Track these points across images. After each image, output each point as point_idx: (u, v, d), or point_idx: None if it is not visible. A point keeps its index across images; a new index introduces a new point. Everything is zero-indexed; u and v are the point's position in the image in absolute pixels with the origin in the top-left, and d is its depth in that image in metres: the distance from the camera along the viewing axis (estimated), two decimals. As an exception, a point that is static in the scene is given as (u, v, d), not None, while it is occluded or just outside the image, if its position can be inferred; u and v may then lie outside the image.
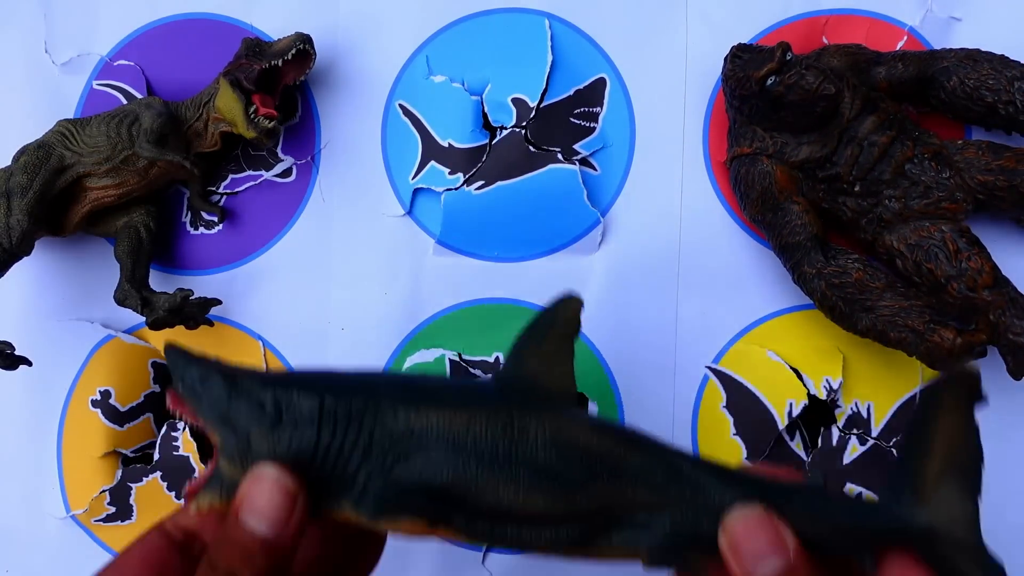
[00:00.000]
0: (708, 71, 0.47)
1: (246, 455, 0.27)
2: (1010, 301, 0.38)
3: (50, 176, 0.45)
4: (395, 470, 0.27)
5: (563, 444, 0.27)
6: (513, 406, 0.28)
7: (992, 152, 0.41)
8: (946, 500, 0.26)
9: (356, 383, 0.28)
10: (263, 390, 0.27)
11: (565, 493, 0.27)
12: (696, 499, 0.27)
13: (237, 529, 0.26)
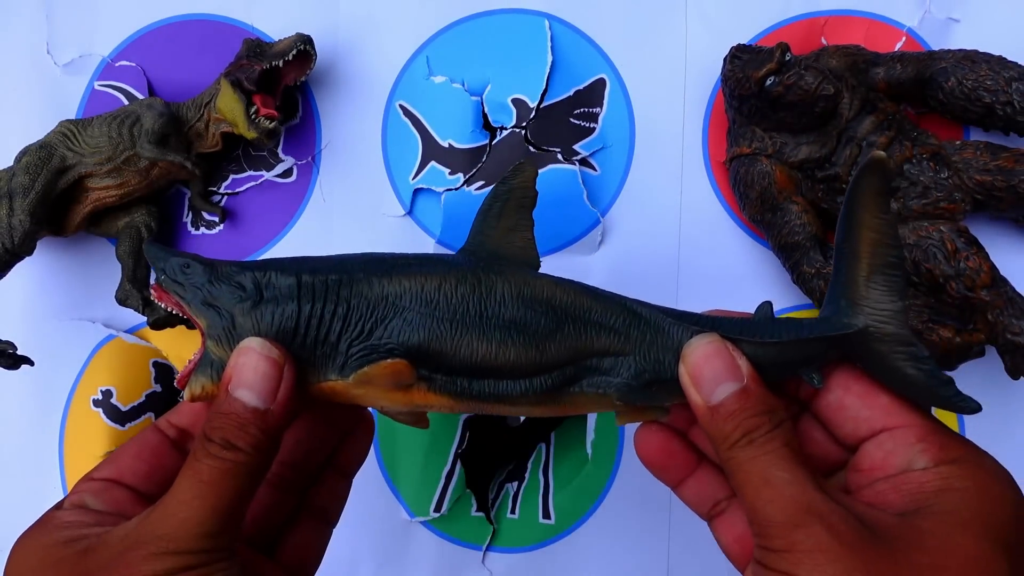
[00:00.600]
0: (707, 72, 0.47)
1: (231, 334, 0.28)
2: (1008, 301, 0.38)
3: (52, 176, 0.45)
4: (374, 334, 0.28)
5: (528, 298, 0.29)
6: (480, 268, 0.30)
7: (990, 152, 0.41)
8: (877, 301, 0.28)
9: (329, 262, 0.30)
10: (241, 273, 0.29)
11: (535, 343, 0.29)
12: (656, 340, 0.29)
13: (229, 402, 0.27)
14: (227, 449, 0.26)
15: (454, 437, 0.48)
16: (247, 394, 0.26)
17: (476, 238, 0.32)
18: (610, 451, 0.47)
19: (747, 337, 0.29)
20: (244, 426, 0.26)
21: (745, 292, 0.46)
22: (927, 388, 0.28)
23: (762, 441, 0.26)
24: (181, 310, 0.29)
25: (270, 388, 0.27)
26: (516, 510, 0.49)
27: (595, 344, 0.29)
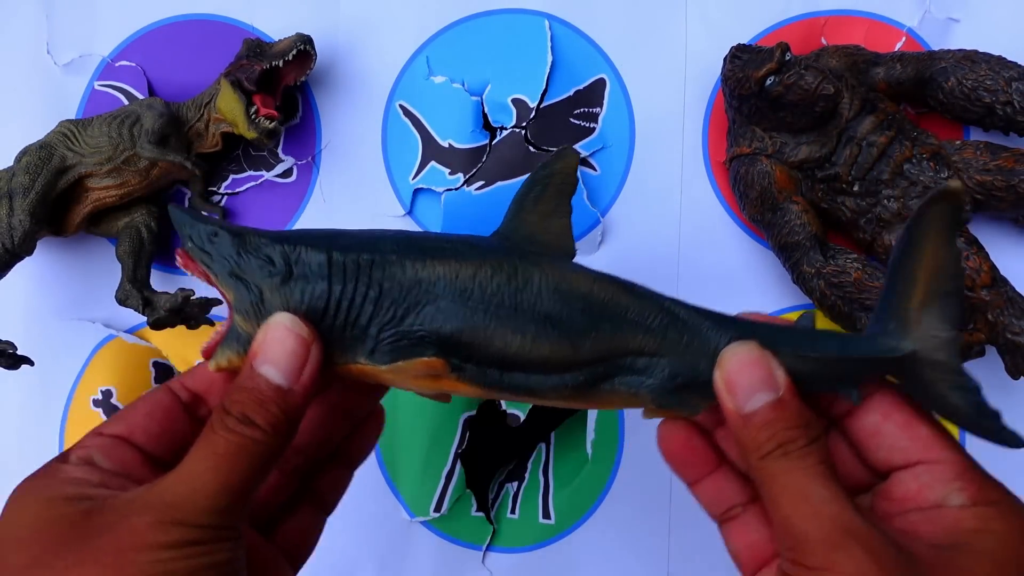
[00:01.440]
0: (707, 72, 0.47)
1: (260, 309, 0.27)
2: (1008, 301, 0.38)
3: (52, 176, 0.45)
4: (406, 320, 0.28)
5: (565, 292, 0.28)
6: (516, 256, 0.29)
7: (990, 152, 0.41)
8: (929, 327, 0.27)
9: (360, 239, 0.29)
10: (271, 246, 0.28)
11: (569, 339, 0.28)
12: (692, 343, 0.28)
13: (252, 378, 0.26)
14: (245, 425, 0.25)
15: (454, 437, 0.48)
16: (271, 371, 0.26)
17: (512, 222, 0.31)
18: (610, 451, 0.47)
19: (787, 348, 0.28)
20: (264, 403, 0.26)
21: (745, 292, 0.47)
22: (973, 418, 0.27)
23: (798, 455, 0.26)
24: (208, 280, 0.28)
25: (296, 367, 0.26)
26: (516, 510, 0.49)
27: (630, 343, 0.29)
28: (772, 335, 0.28)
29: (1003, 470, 0.28)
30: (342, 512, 0.49)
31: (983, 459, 0.27)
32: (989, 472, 0.27)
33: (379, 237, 0.29)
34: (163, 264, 0.50)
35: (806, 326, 0.30)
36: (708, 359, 0.28)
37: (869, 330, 0.28)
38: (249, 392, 0.26)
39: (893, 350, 0.27)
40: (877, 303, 0.28)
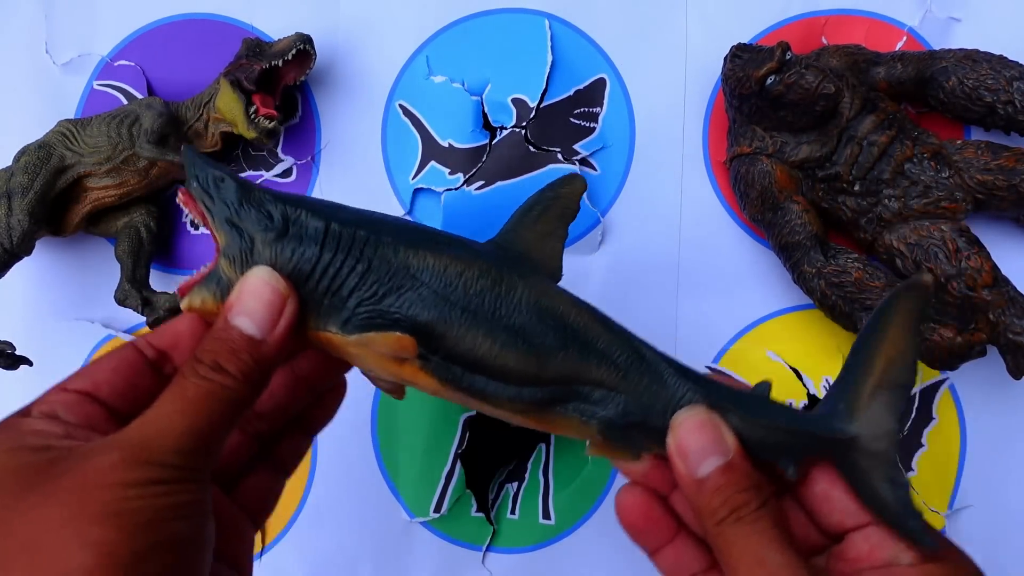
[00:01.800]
0: (708, 71, 0.47)
1: (247, 259, 0.28)
2: (1009, 300, 0.38)
3: (51, 176, 0.45)
4: (385, 300, 0.28)
5: (543, 309, 0.29)
6: (505, 266, 0.29)
7: (991, 152, 0.41)
8: (875, 416, 0.28)
9: (362, 216, 0.29)
10: (273, 203, 0.28)
11: (536, 355, 0.29)
12: (651, 386, 0.29)
13: (226, 328, 0.26)
14: (216, 371, 0.25)
15: (454, 437, 0.48)
16: (246, 322, 0.26)
17: (509, 234, 0.31)
18: (610, 451, 0.47)
19: (740, 410, 0.28)
20: (237, 352, 0.26)
21: (745, 292, 0.46)
22: (897, 513, 0.28)
23: (751, 519, 0.26)
24: (204, 221, 0.29)
25: (270, 320, 0.27)
26: (516, 510, 0.49)
27: (593, 373, 0.29)
28: (727, 396, 0.29)
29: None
30: (342, 512, 0.49)
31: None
32: (934, 529, 0.28)
33: (380, 219, 0.30)
34: (162, 264, 0.50)
35: (762, 393, 0.30)
36: (662, 405, 0.29)
37: (820, 409, 0.29)
38: (222, 342, 0.26)
39: (837, 431, 0.28)
40: (833, 384, 0.29)
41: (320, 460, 0.49)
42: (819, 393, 0.45)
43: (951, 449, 0.45)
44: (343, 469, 0.49)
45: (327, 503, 0.49)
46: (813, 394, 0.45)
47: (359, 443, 0.49)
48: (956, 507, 0.45)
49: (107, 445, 0.24)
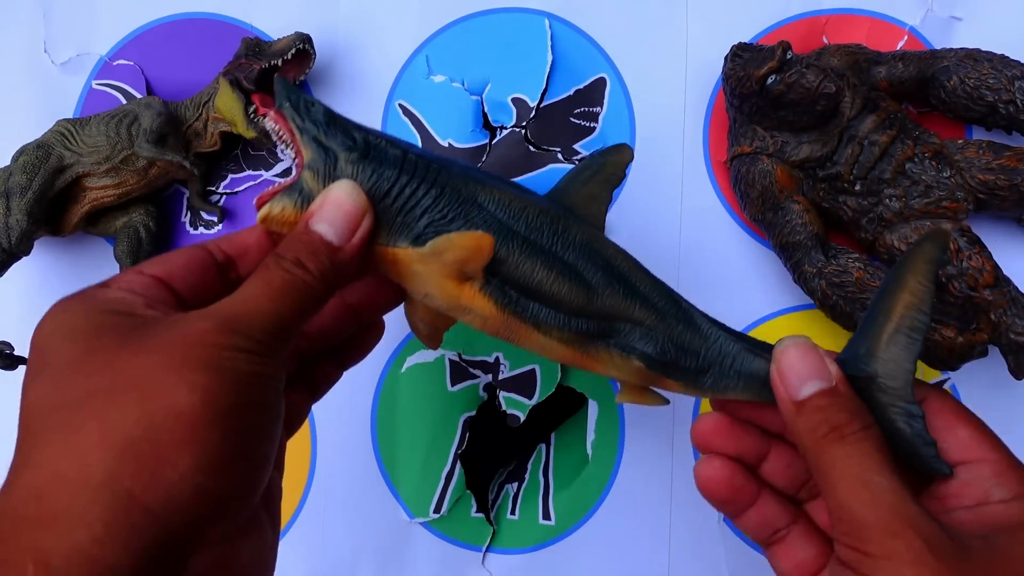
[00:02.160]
0: (708, 71, 0.47)
1: (331, 172, 0.30)
2: (1011, 300, 0.38)
3: (49, 176, 0.45)
4: (453, 224, 0.30)
5: (594, 251, 0.32)
6: (561, 210, 0.33)
7: (993, 151, 0.41)
8: (892, 356, 0.30)
9: (435, 155, 0.32)
10: (358, 130, 0.31)
11: (586, 290, 0.32)
12: (686, 331, 0.32)
13: (307, 232, 0.29)
14: (297, 267, 0.28)
15: (454, 438, 0.48)
16: (326, 228, 0.28)
17: (559, 192, 0.34)
18: (610, 451, 0.47)
19: (767, 353, 0.31)
20: (316, 253, 0.28)
21: (746, 292, 0.46)
22: (911, 444, 0.29)
23: (854, 439, 0.27)
24: (292, 138, 0.31)
25: (349, 229, 0.29)
26: (516, 511, 0.48)
27: (634, 313, 0.32)
28: (758, 344, 0.32)
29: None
30: (342, 512, 0.49)
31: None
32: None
33: (450, 158, 0.33)
34: (161, 264, 0.50)
35: None
36: (695, 347, 0.32)
37: (844, 352, 0.31)
38: (304, 243, 0.28)
39: (858, 370, 0.30)
40: (857, 328, 0.31)
41: (320, 460, 0.49)
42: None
43: (952, 449, 0.45)
44: (343, 469, 0.49)
45: (327, 503, 0.49)
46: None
47: (359, 443, 0.49)
48: (957, 507, 0.45)
49: (200, 314, 0.26)
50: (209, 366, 0.24)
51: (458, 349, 0.48)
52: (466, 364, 0.48)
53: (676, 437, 0.47)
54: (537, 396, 0.47)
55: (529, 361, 0.48)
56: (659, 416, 0.47)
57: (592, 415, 0.47)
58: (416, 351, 0.49)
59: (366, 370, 0.49)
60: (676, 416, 0.47)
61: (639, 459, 0.47)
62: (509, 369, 0.48)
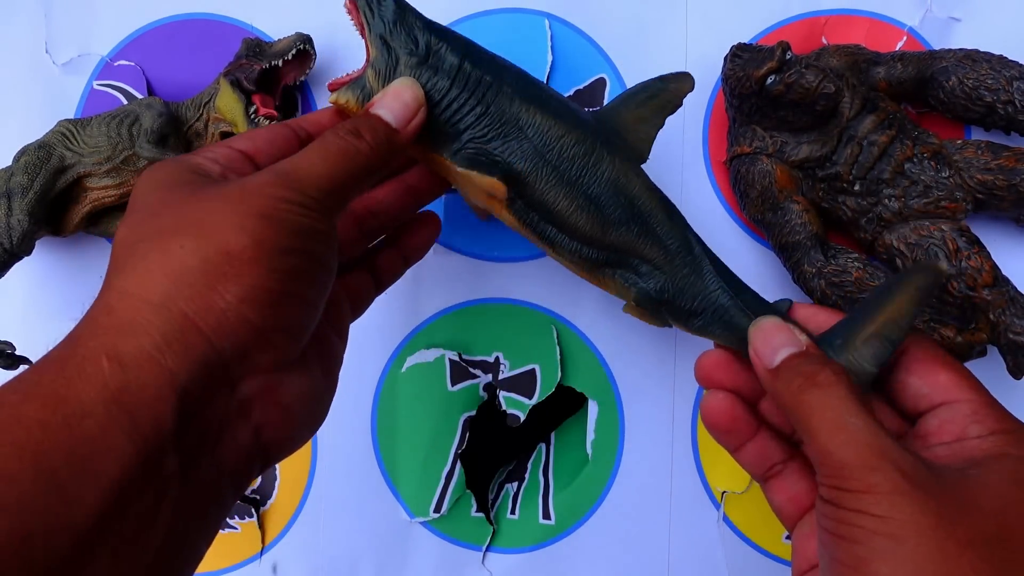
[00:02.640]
0: (708, 71, 0.47)
1: (390, 73, 0.33)
2: (1010, 300, 0.38)
3: (51, 176, 0.45)
4: (492, 143, 0.34)
5: (620, 188, 0.34)
6: (600, 139, 0.34)
7: (991, 151, 0.41)
8: (861, 357, 0.32)
9: (491, 61, 0.35)
10: (422, 31, 0.34)
11: (603, 224, 0.34)
12: (690, 276, 0.35)
13: (368, 113, 0.32)
14: (354, 136, 0.31)
15: (454, 437, 0.48)
16: (385, 112, 0.32)
17: (611, 111, 0.36)
18: (610, 451, 0.47)
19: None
20: (374, 127, 0.32)
21: (745, 292, 0.46)
22: None
23: (827, 383, 0.29)
24: (361, 32, 0.34)
25: (406, 117, 0.33)
26: (516, 510, 0.49)
27: (645, 251, 0.35)
28: (753, 302, 0.34)
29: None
30: (342, 512, 0.49)
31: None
32: (1005, 409, 0.30)
33: (505, 67, 0.35)
34: (162, 264, 0.50)
35: (781, 309, 0.35)
36: (692, 292, 0.35)
37: (823, 335, 0.33)
38: (364, 119, 0.32)
39: (828, 355, 0.32)
40: (843, 319, 0.33)
41: (320, 460, 0.49)
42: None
43: (951, 449, 0.45)
44: (343, 469, 0.49)
45: (327, 503, 0.49)
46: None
47: (359, 443, 0.49)
48: (956, 507, 0.45)
49: (262, 172, 0.29)
50: (262, 213, 0.27)
51: (458, 349, 0.48)
52: (466, 364, 0.48)
53: (676, 437, 0.47)
54: (537, 396, 0.47)
55: (529, 361, 0.48)
56: (659, 416, 0.47)
57: (592, 415, 0.47)
58: (416, 351, 0.49)
59: (366, 370, 0.49)
60: (676, 416, 0.47)
61: (639, 459, 0.47)
62: (509, 369, 0.48)
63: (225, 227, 0.27)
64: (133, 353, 0.25)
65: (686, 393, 0.47)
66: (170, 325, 0.26)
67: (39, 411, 0.23)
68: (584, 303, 0.48)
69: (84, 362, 0.25)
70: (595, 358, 0.48)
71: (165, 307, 0.26)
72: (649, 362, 0.47)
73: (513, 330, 0.48)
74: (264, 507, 0.50)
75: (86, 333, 0.26)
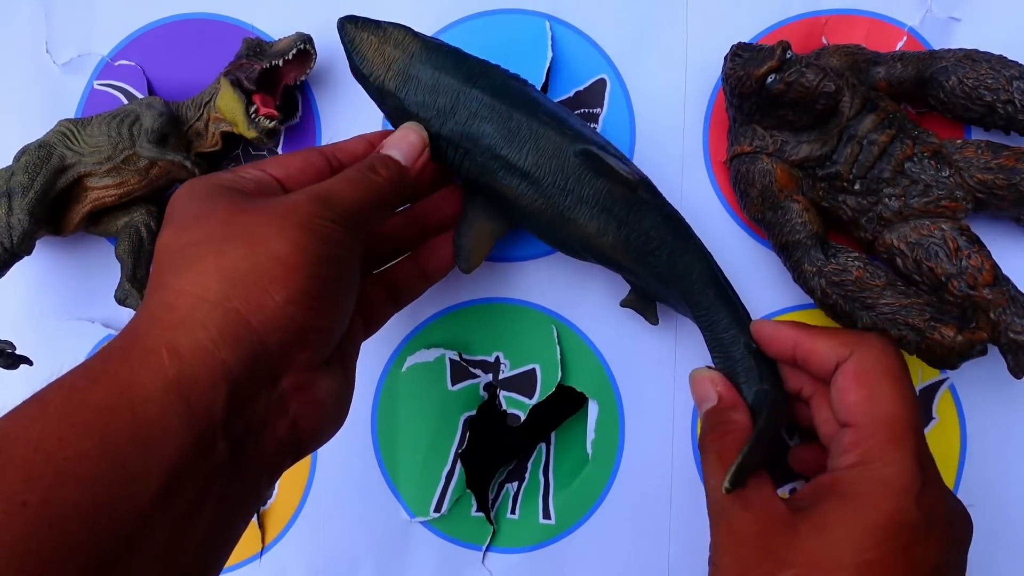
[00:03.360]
0: (708, 72, 0.47)
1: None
2: (1011, 299, 0.38)
3: (51, 176, 0.45)
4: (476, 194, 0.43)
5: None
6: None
7: (991, 151, 0.41)
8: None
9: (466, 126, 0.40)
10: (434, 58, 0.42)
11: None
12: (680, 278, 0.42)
13: (382, 156, 0.37)
14: (372, 171, 0.35)
15: (454, 437, 0.48)
16: (395, 152, 0.38)
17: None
18: (610, 451, 0.47)
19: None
20: (388, 164, 0.37)
21: (746, 292, 0.46)
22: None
23: (713, 437, 0.37)
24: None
25: (413, 154, 0.38)
26: (516, 510, 0.49)
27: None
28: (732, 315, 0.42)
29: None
30: (342, 512, 0.49)
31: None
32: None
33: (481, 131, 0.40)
34: (162, 264, 0.50)
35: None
36: (679, 291, 0.41)
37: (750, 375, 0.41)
38: (379, 158, 0.37)
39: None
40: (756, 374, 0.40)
41: (320, 460, 0.49)
42: (819, 393, 0.45)
43: (951, 449, 0.45)
44: (343, 469, 0.49)
45: (327, 503, 0.49)
46: (813, 394, 0.45)
47: (359, 443, 0.49)
48: (956, 507, 0.45)
49: (300, 192, 0.33)
50: (302, 225, 0.31)
51: (458, 349, 0.48)
52: (466, 364, 0.48)
53: (676, 437, 0.47)
54: (537, 396, 0.47)
55: (529, 361, 0.48)
56: (659, 416, 0.47)
57: (592, 415, 0.47)
58: (416, 351, 0.49)
59: (366, 370, 0.49)
60: (676, 416, 0.47)
61: (639, 459, 0.47)
62: (509, 369, 0.48)
63: (272, 236, 0.30)
64: (191, 346, 0.27)
65: (686, 393, 0.47)
66: (225, 321, 0.28)
67: (106, 396, 0.26)
68: (584, 303, 0.48)
69: (147, 353, 0.27)
70: (595, 358, 0.47)
71: (221, 304, 0.28)
72: (649, 362, 0.47)
73: (513, 330, 0.48)
74: (264, 507, 0.50)
75: (146, 326, 0.29)
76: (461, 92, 0.40)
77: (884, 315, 0.40)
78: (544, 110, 0.40)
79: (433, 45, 0.41)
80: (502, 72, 0.42)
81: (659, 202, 0.41)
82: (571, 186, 0.39)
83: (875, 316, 0.40)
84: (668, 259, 0.40)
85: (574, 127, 0.40)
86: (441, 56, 0.41)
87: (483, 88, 0.40)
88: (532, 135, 0.39)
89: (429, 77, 0.40)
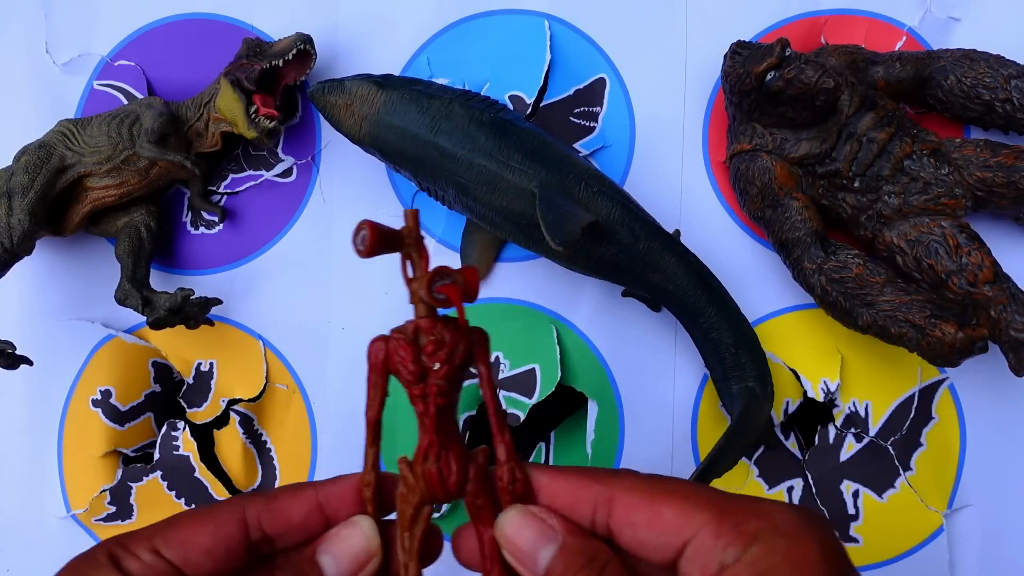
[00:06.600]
0: (708, 71, 0.47)
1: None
2: (1011, 297, 0.38)
3: (51, 176, 0.45)
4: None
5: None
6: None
7: (990, 149, 0.41)
8: None
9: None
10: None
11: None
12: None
13: (312, 561, 0.28)
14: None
15: (454, 437, 0.48)
16: (328, 560, 0.28)
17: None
18: (610, 451, 0.47)
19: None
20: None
21: (745, 292, 0.46)
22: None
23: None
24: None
25: (351, 568, 0.28)
26: (516, 510, 0.48)
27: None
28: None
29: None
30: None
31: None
32: (738, 499, 0.26)
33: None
34: (162, 264, 0.50)
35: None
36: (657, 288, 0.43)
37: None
38: (305, 563, 0.28)
39: None
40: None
41: (320, 460, 0.49)
42: (816, 395, 0.45)
43: (951, 448, 0.45)
44: (343, 469, 0.49)
45: (327, 503, 0.49)
46: (811, 396, 0.45)
47: (359, 443, 0.49)
48: (955, 506, 0.45)
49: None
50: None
51: (458, 348, 0.48)
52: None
53: (676, 436, 0.47)
54: (537, 396, 0.47)
55: (529, 361, 0.48)
56: (659, 416, 0.47)
57: (592, 415, 0.47)
58: (416, 350, 0.49)
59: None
60: (676, 415, 0.47)
61: (639, 459, 0.47)
62: (509, 369, 0.48)
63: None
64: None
65: (686, 393, 0.47)
66: None
67: None
68: (584, 303, 0.48)
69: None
70: (595, 358, 0.47)
71: None
72: (649, 362, 0.47)
73: (513, 330, 0.48)
74: (264, 507, 0.50)
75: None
76: (425, 144, 0.42)
77: (884, 312, 0.40)
78: (505, 146, 0.41)
79: (396, 95, 0.42)
80: (468, 107, 0.42)
81: (630, 217, 0.42)
82: (536, 222, 0.40)
83: (875, 314, 0.40)
84: (642, 264, 0.42)
85: (536, 161, 0.41)
86: (404, 106, 0.42)
87: (446, 134, 0.41)
88: (492, 179, 0.41)
89: (395, 131, 0.42)
